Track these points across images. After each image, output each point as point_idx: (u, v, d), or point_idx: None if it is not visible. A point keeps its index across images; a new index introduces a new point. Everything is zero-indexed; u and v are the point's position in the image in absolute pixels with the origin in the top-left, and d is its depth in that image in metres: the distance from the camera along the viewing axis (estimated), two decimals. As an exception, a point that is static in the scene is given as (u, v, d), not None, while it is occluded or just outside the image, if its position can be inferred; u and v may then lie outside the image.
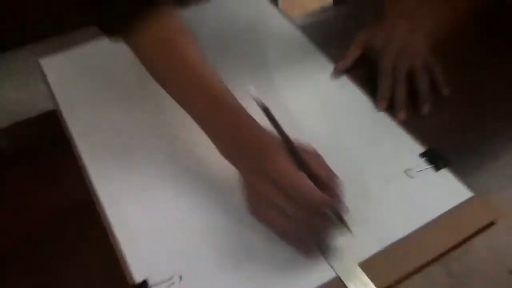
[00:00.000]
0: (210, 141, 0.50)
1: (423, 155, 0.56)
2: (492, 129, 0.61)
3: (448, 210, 0.51)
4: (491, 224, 0.51)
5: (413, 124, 0.60)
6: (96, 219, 0.53)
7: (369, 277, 0.47)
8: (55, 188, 0.56)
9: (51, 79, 0.66)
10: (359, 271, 0.47)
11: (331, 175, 0.46)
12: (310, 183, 0.44)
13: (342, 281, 0.47)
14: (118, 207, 0.53)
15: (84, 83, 0.65)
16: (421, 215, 0.51)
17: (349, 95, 0.64)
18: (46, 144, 0.61)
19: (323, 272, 0.47)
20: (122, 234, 0.51)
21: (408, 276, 0.48)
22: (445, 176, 0.54)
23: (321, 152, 0.49)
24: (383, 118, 0.61)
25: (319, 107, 0.62)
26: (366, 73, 0.66)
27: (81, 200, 0.55)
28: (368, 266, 0.48)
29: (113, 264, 0.49)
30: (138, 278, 0.48)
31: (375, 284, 0.46)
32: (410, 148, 0.57)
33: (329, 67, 0.67)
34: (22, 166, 0.59)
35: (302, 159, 0.45)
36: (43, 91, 0.66)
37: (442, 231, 0.50)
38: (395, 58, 0.63)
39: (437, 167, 0.55)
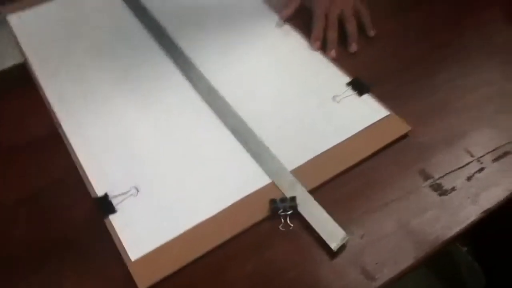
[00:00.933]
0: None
1: (349, 84, 0.65)
2: (409, 65, 0.69)
3: (369, 126, 0.60)
4: (404, 136, 0.60)
5: (343, 60, 0.68)
6: (63, 148, 0.60)
7: (298, 180, 0.55)
8: (27, 123, 0.63)
9: (18, 33, 0.73)
10: (289, 175, 0.55)
11: None
12: None
13: (275, 185, 0.55)
14: (80, 133, 0.60)
15: (49, 36, 0.72)
16: (346, 130, 0.59)
17: (290, 39, 0.72)
18: (17, 91, 0.68)
19: (261, 177, 0.55)
20: (83, 155, 0.58)
21: (334, 178, 0.56)
22: (367, 100, 0.63)
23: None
24: (318, 57, 0.69)
25: (267, 50, 0.71)
26: (305, 22, 0.74)
27: (48, 133, 0.61)
28: (299, 171, 0.56)
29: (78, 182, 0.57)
30: (99, 192, 0.55)
31: (302, 185, 0.54)
32: (339, 79, 0.65)
33: (275, 18, 0.75)
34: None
35: None
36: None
37: (364, 142, 0.59)
38: (328, 6, 0.72)
39: (360, 93, 0.63)
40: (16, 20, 0.75)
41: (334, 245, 0.50)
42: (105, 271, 0.50)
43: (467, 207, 0.54)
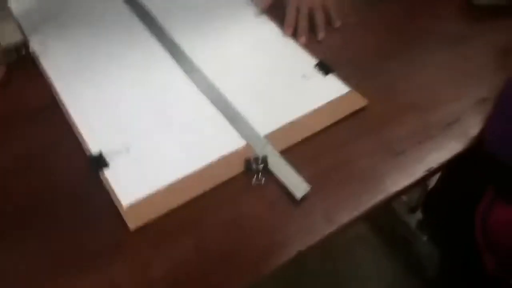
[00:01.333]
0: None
1: (316, 65, 0.73)
2: (369, 51, 0.79)
3: (332, 100, 0.69)
4: (362, 109, 0.69)
5: (312, 46, 0.77)
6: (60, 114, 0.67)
7: (269, 142, 0.63)
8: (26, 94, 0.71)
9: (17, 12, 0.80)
10: (262, 138, 0.63)
11: None
12: None
13: (249, 146, 0.63)
14: (76, 102, 0.68)
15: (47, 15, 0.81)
16: (312, 103, 0.68)
17: (266, 27, 0.81)
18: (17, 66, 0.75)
19: (237, 140, 0.64)
20: (77, 116, 0.66)
21: (300, 143, 0.64)
22: (331, 79, 0.72)
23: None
24: (290, 42, 0.78)
25: (245, 36, 0.79)
26: (280, 14, 0.83)
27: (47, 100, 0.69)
28: (270, 136, 0.64)
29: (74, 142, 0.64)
30: (94, 150, 0.62)
31: (273, 147, 0.62)
32: (307, 62, 0.74)
33: (254, 10, 0.84)
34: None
35: None
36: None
37: (327, 112, 0.67)
38: (299, 1, 0.81)
39: (326, 73, 0.72)
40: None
41: (298, 195, 0.58)
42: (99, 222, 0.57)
43: (414, 166, 0.63)
